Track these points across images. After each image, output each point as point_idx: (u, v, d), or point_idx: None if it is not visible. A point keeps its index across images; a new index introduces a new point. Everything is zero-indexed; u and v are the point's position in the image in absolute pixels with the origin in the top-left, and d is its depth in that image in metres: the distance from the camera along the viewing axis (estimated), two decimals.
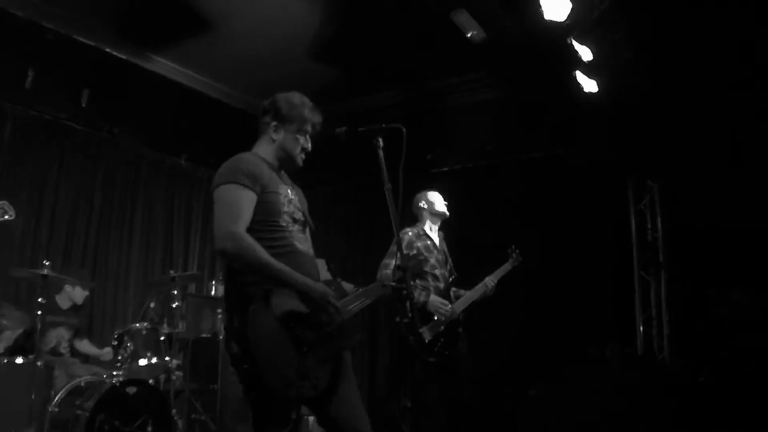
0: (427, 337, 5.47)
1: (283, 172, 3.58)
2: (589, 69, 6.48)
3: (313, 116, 3.52)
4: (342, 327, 3.24)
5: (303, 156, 3.54)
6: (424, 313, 5.57)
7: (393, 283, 3.12)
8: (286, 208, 3.35)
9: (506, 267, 6.01)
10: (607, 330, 7.33)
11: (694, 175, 6.99)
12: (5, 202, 5.36)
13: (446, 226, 6.07)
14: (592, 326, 7.26)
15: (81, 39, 7.20)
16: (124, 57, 7.57)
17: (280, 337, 3.02)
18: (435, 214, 5.99)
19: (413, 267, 5.25)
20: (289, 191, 3.44)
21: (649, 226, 7.60)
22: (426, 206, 6.01)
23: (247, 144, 3.46)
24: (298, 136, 3.50)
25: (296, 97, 3.54)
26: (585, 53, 6.32)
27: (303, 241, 3.41)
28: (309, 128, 3.52)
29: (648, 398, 6.32)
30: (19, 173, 7.38)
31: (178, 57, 7.88)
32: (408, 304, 5.56)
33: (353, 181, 8.77)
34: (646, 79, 6.64)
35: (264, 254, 3.12)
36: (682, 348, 7.16)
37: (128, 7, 6.88)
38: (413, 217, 6.04)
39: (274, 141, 3.52)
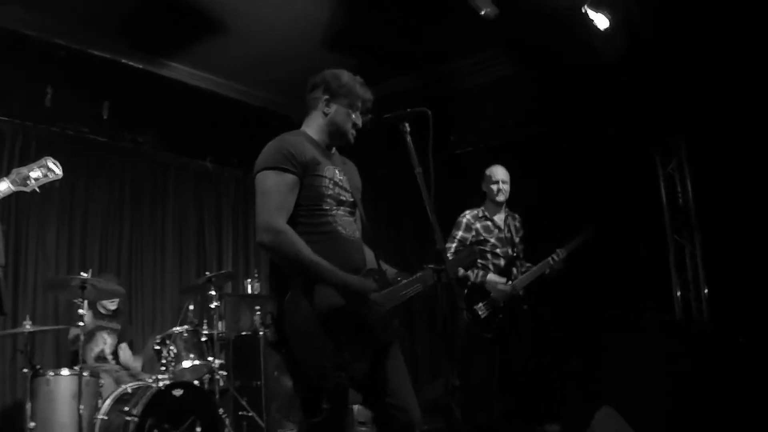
0: (483, 313, 5.53)
1: (333, 150, 3.51)
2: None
3: (364, 93, 3.45)
4: (382, 320, 3.19)
5: (354, 133, 3.45)
6: (481, 291, 5.61)
7: (431, 266, 3.07)
8: (330, 191, 3.28)
9: (577, 240, 5.98)
10: (644, 297, 7.26)
11: (719, 133, 6.88)
12: (49, 157, 4.93)
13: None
14: (629, 294, 7.19)
15: (95, 52, 7.25)
16: (140, 66, 7.61)
17: (316, 328, 3.01)
18: (490, 199, 6.02)
19: (465, 258, 5.27)
20: (336, 171, 3.37)
21: (678, 189, 7.50)
22: (485, 189, 6.04)
23: (269, 140, 3.35)
24: (349, 111, 3.42)
25: (345, 74, 3.47)
26: (601, 21, 6.25)
27: (348, 225, 3.34)
28: (360, 104, 3.43)
29: (688, 364, 6.25)
30: (47, 190, 7.40)
31: (193, 61, 7.90)
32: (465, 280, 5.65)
33: (380, 170, 8.73)
34: (663, 41, 6.56)
35: (303, 250, 3.06)
36: (721, 310, 7.06)
37: (138, 17, 6.88)
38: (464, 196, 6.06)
39: (326, 115, 3.43)
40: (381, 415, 3.26)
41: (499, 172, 6.02)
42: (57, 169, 4.85)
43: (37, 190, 4.77)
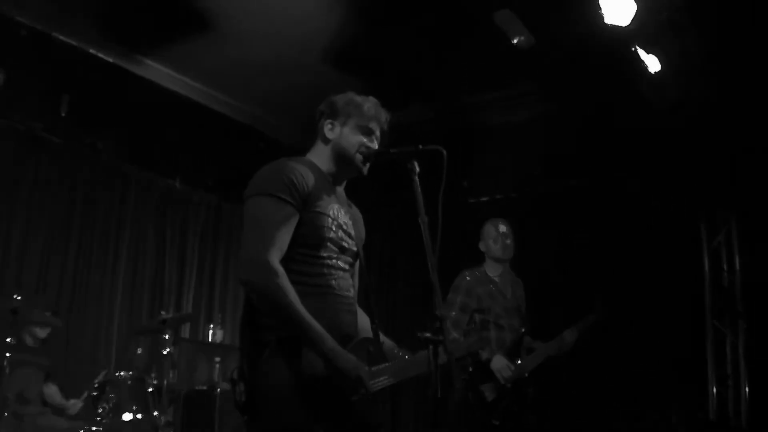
0: (490, 396, 5.48)
1: (339, 188, 3.50)
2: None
3: (377, 112, 3.42)
4: (369, 400, 3.13)
5: (362, 158, 3.38)
6: (487, 370, 5.55)
7: (427, 335, 3.03)
8: (332, 234, 3.25)
9: (589, 319, 5.97)
10: (674, 390, 7.23)
11: None
12: None
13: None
14: (657, 385, 7.16)
15: (61, 37, 7.22)
16: (110, 60, 7.58)
17: (293, 395, 2.98)
18: (491, 257, 5.97)
19: (473, 345, 5.23)
20: (341, 212, 3.35)
21: (725, 267, 7.50)
22: (484, 248, 5.99)
23: (253, 165, 3.33)
24: (356, 132, 3.39)
25: (357, 95, 3.47)
26: (652, 63, 6.29)
27: (344, 280, 3.31)
28: (373, 125, 3.41)
29: None
30: None
31: (173, 61, 7.89)
32: (468, 359, 5.59)
33: (375, 212, 8.74)
34: (722, 93, 6.59)
35: (296, 303, 3.00)
36: (763, 413, 7.03)
37: (116, 3, 6.90)
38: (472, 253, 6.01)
39: (329, 141, 3.42)
40: None
41: (501, 225, 6.00)
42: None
43: None
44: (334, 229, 3.26)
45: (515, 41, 6.69)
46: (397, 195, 3.29)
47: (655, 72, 6.41)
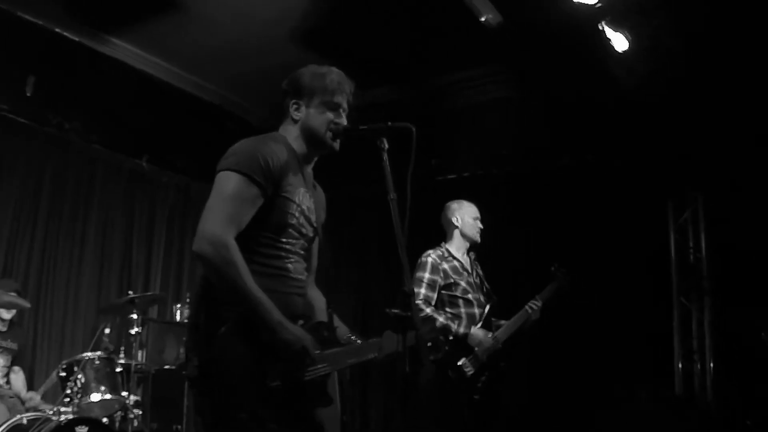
0: (469, 370, 5.47)
1: (308, 168, 3.49)
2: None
3: (340, 83, 3.38)
4: (318, 383, 3.16)
5: (332, 135, 3.36)
6: (463, 345, 5.54)
7: (396, 311, 3.02)
8: (294, 220, 3.26)
9: (551, 288, 5.97)
10: (640, 366, 7.27)
11: (744, 185, 6.94)
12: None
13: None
14: (623, 362, 7.20)
15: (26, 17, 7.12)
16: (76, 39, 7.49)
17: (247, 373, 2.98)
18: (465, 236, 5.94)
19: (427, 333, 5.24)
20: (306, 197, 3.34)
21: (691, 244, 7.55)
22: (459, 223, 5.95)
23: (221, 144, 3.31)
24: (323, 109, 3.36)
25: (322, 67, 3.43)
26: (619, 41, 6.30)
27: (299, 263, 3.33)
28: (338, 99, 3.37)
29: None
30: None
31: (141, 41, 7.80)
32: (441, 336, 5.58)
33: (344, 189, 8.72)
34: (690, 72, 6.61)
35: (246, 278, 3.00)
36: (728, 387, 7.09)
37: None
38: (440, 231, 5.98)
39: (296, 121, 3.40)
40: None
41: (475, 209, 6.01)
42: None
43: None
44: (297, 215, 3.27)
45: (483, 20, 6.67)
46: (365, 172, 3.26)
47: (623, 50, 6.42)
